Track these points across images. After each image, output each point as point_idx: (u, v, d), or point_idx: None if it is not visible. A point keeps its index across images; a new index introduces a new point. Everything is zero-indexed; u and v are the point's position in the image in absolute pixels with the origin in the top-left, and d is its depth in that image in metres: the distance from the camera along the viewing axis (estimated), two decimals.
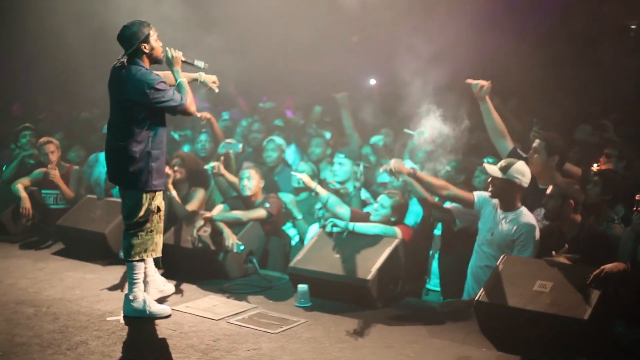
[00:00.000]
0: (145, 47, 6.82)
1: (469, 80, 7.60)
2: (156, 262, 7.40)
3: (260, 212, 8.53)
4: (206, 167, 8.93)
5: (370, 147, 9.74)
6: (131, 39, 6.77)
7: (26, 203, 10.07)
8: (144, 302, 6.96)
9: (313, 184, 8.24)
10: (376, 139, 9.68)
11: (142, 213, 6.93)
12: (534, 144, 7.46)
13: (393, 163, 7.27)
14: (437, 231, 8.03)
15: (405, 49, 8.60)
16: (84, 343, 6.30)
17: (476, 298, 6.43)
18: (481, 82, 7.52)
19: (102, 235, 9.10)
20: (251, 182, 8.63)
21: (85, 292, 7.76)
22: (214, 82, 7.56)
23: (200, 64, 7.32)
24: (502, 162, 7.06)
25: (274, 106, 12.96)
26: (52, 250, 9.57)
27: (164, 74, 7.03)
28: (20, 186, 10.20)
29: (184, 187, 9.17)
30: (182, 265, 8.36)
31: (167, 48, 6.98)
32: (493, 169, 7.00)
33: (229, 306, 7.29)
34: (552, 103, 10.14)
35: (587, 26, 12.59)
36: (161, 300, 7.34)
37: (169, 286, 7.68)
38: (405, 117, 9.64)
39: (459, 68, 8.61)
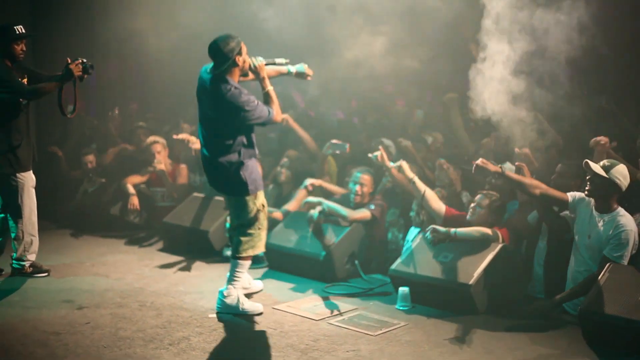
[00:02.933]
0: (239, 60, 6.89)
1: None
2: (258, 258, 7.47)
3: (365, 213, 8.54)
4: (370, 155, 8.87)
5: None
6: (229, 52, 6.81)
7: (134, 200, 10.30)
8: (238, 299, 7.06)
9: (411, 174, 8.16)
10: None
11: (249, 215, 7.07)
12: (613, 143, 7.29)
13: (480, 160, 7.16)
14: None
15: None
16: (186, 339, 6.38)
17: (580, 306, 6.28)
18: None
19: (206, 233, 9.23)
20: (363, 188, 8.71)
21: (189, 288, 7.89)
22: (305, 75, 7.70)
23: (282, 60, 7.45)
24: (605, 162, 6.85)
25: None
26: (158, 246, 9.78)
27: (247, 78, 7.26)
28: (129, 183, 10.43)
29: (289, 187, 9.23)
30: (285, 265, 8.43)
31: (251, 58, 7.06)
32: (597, 167, 6.80)
33: (330, 307, 7.29)
34: None
35: None
36: (248, 298, 7.41)
37: (255, 284, 7.80)
38: None
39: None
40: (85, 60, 7.84)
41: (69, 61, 7.82)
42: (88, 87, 14.29)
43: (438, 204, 8.04)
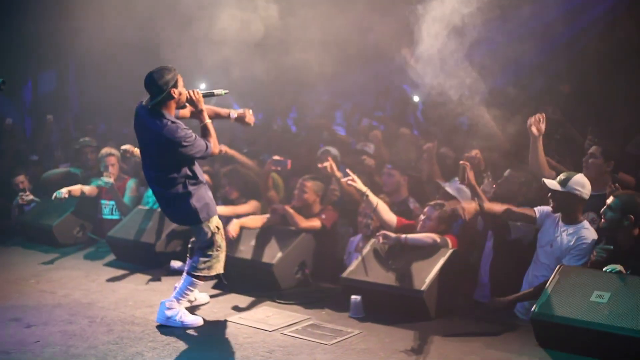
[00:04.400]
0: (174, 93, 6.80)
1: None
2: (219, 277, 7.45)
3: (315, 223, 8.56)
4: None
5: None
6: (163, 85, 6.73)
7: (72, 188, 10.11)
8: (178, 312, 7.03)
9: (364, 188, 8.21)
10: None
11: (206, 238, 7.10)
12: (590, 150, 7.38)
13: (464, 205, 7.25)
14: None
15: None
16: (140, 354, 6.30)
17: (532, 309, 6.35)
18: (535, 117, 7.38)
19: (152, 246, 9.14)
20: (303, 194, 8.68)
21: (139, 302, 7.79)
22: (248, 122, 7.70)
23: (220, 91, 7.37)
24: (561, 176, 6.98)
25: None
26: (104, 261, 9.63)
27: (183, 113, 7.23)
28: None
29: (240, 202, 9.20)
30: (235, 275, 8.38)
31: (188, 91, 6.97)
32: (552, 183, 6.91)
33: (283, 317, 7.27)
34: (606, 112, 10.01)
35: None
36: (192, 311, 7.37)
37: (201, 296, 7.76)
38: None
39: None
40: None
41: None
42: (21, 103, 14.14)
43: (389, 216, 8.09)
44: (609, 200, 6.62)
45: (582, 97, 10.50)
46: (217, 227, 7.16)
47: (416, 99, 13.73)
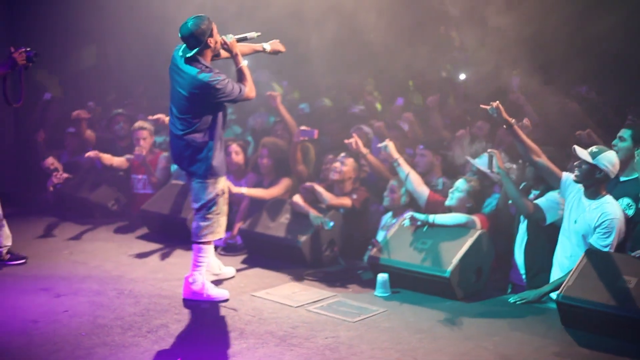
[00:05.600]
0: (211, 42, 6.89)
1: (483, 106, 7.36)
2: (235, 246, 7.46)
3: (346, 200, 8.57)
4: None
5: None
6: (200, 35, 6.81)
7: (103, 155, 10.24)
8: (203, 285, 7.07)
9: (396, 154, 8.17)
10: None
11: (208, 197, 7.09)
12: (620, 133, 7.26)
13: (496, 103, 7.14)
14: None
15: None
16: (164, 326, 6.37)
17: (559, 292, 6.31)
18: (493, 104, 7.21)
19: (184, 220, 9.19)
20: (343, 167, 8.65)
21: (167, 275, 7.86)
22: (278, 51, 7.70)
23: (253, 34, 7.42)
24: (594, 148, 6.85)
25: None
26: (137, 234, 9.70)
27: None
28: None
29: (270, 176, 9.22)
30: (263, 251, 8.44)
31: (221, 36, 7.05)
32: (583, 153, 6.80)
33: (308, 293, 7.30)
34: None
35: None
36: (218, 284, 7.43)
37: (226, 270, 7.82)
38: None
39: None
40: (29, 49, 7.77)
41: (12, 50, 7.75)
42: (65, 74, 14.24)
43: (422, 187, 8.07)
44: None
45: (618, 75, 10.34)
46: (223, 191, 7.18)
47: (462, 76, 13.64)
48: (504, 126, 7.21)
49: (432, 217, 7.53)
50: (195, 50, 6.83)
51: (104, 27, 14.32)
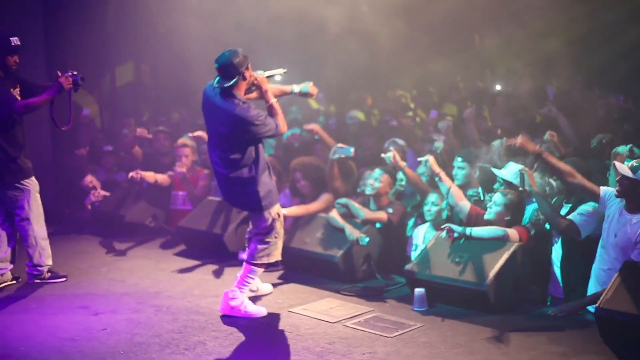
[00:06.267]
0: (247, 74, 6.91)
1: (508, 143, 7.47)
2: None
3: (382, 215, 8.53)
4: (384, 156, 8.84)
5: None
6: (237, 67, 6.82)
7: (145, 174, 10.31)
8: (242, 302, 7.08)
9: (438, 169, 8.14)
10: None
11: (265, 224, 7.12)
12: None
13: (520, 138, 7.14)
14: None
15: None
16: (202, 343, 6.39)
17: (597, 304, 6.23)
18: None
19: (220, 237, 9.23)
20: (377, 183, 8.64)
21: (205, 292, 7.89)
22: (311, 94, 7.68)
23: (280, 71, 7.44)
24: (634, 162, 6.77)
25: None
26: (174, 251, 9.75)
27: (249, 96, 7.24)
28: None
29: (311, 196, 9.20)
30: (300, 267, 8.45)
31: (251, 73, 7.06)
32: (623, 168, 6.72)
33: (346, 309, 7.27)
34: None
35: None
36: (255, 301, 7.43)
37: (264, 287, 7.83)
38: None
39: None
40: (75, 73, 7.91)
41: (59, 74, 7.88)
42: (102, 94, 14.41)
43: (463, 201, 8.01)
44: None
45: None
46: (278, 214, 7.19)
47: (498, 87, 13.63)
48: (536, 157, 7.25)
49: (468, 230, 7.48)
50: (233, 80, 6.83)
51: (140, 45, 14.49)
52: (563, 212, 7.43)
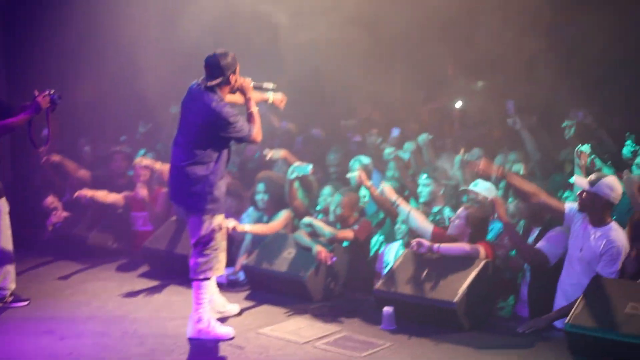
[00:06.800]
0: (232, 78, 6.94)
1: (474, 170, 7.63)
2: (238, 282, 7.42)
3: (348, 233, 8.52)
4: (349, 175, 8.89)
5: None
6: (224, 68, 6.87)
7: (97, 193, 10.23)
8: (209, 323, 7.01)
9: (394, 196, 8.16)
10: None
11: (204, 232, 7.03)
12: (637, 160, 7.30)
13: (481, 164, 7.19)
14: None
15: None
16: None
17: (566, 320, 6.27)
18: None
19: (185, 257, 9.12)
20: (339, 210, 8.66)
21: (172, 314, 7.79)
22: (281, 102, 7.75)
23: (270, 85, 7.50)
24: (592, 176, 6.87)
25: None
26: (138, 272, 9.64)
27: (232, 99, 7.23)
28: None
29: (270, 211, 9.19)
30: (267, 287, 8.40)
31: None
32: (581, 182, 6.81)
33: (314, 329, 7.24)
34: None
35: None
36: (223, 322, 7.36)
37: (230, 307, 7.76)
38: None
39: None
40: (52, 92, 7.81)
41: (37, 94, 7.78)
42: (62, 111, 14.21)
43: (424, 224, 8.01)
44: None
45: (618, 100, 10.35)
46: (220, 226, 7.12)
47: (458, 104, 13.68)
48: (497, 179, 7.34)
49: (436, 246, 7.50)
50: (217, 80, 6.86)
51: (101, 62, 14.34)
52: (533, 236, 7.50)
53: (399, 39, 12.05)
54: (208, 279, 7.12)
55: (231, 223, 8.15)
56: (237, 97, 7.31)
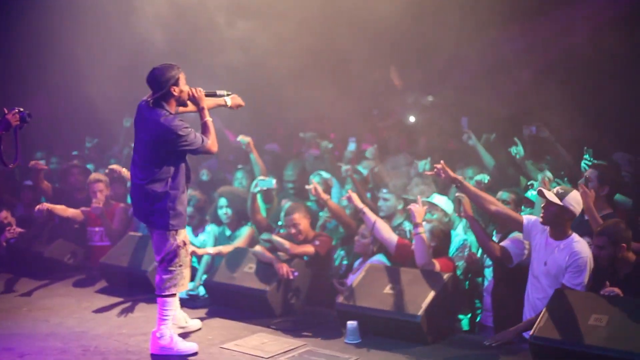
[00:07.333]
0: (175, 90, 6.89)
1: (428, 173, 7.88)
2: (198, 298, 7.38)
3: (308, 248, 8.50)
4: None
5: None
6: (163, 82, 6.83)
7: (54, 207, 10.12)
8: (171, 339, 6.96)
9: (361, 204, 8.20)
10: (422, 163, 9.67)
11: (169, 249, 7.02)
12: (586, 173, 7.41)
13: (441, 163, 7.27)
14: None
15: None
16: None
17: (531, 333, 6.33)
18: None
19: (144, 273, 9.08)
20: (297, 228, 8.63)
21: (132, 330, 7.72)
22: (239, 105, 7.73)
23: (223, 92, 7.50)
24: (559, 189, 6.94)
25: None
26: (96, 288, 9.54)
27: (185, 110, 7.27)
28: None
29: (232, 225, 9.18)
30: (228, 302, 8.37)
31: (189, 88, 7.04)
32: (551, 195, 6.88)
33: (278, 344, 7.21)
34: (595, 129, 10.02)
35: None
36: (185, 337, 7.31)
37: (192, 322, 7.73)
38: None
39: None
40: (22, 110, 7.73)
41: (6, 111, 7.70)
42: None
43: (389, 234, 8.05)
44: (597, 239, 6.58)
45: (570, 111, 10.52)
46: (184, 242, 7.11)
47: (412, 119, 13.78)
48: (455, 185, 7.39)
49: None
50: (157, 94, 6.83)
51: (53, 76, 14.22)
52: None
53: (353, 53, 12.11)
54: (173, 295, 7.08)
55: (191, 248, 8.10)
56: (191, 109, 7.31)
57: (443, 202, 8.39)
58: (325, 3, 10.90)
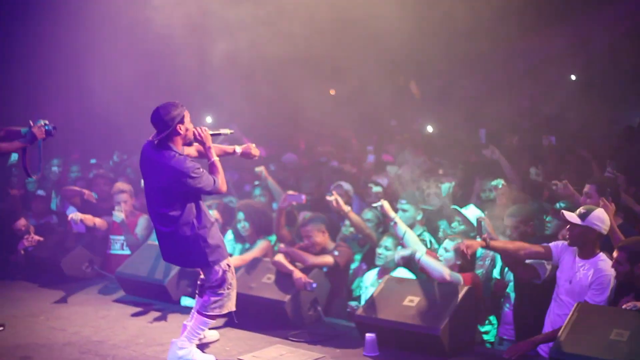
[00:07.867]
0: (181, 129, 6.80)
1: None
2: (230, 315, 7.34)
3: (328, 259, 8.44)
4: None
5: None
6: (168, 120, 6.72)
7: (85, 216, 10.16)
8: (190, 352, 6.91)
9: (393, 214, 8.12)
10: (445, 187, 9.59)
11: (216, 277, 7.00)
12: (585, 189, 7.38)
13: (465, 242, 7.17)
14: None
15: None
16: None
17: (552, 347, 6.25)
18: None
19: (161, 283, 9.04)
20: (315, 238, 8.60)
21: (149, 340, 7.70)
22: (252, 156, 7.73)
23: (226, 131, 7.46)
24: (581, 209, 6.87)
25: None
26: (114, 297, 9.51)
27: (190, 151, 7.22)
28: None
29: (252, 238, 9.13)
30: (246, 313, 8.30)
31: (195, 128, 6.96)
32: (572, 216, 6.81)
33: (296, 355, 7.16)
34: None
35: None
36: (202, 348, 7.29)
37: (210, 333, 7.67)
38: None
39: None
40: (47, 122, 7.79)
41: (32, 124, 7.73)
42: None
43: (419, 244, 8.00)
44: (615, 254, 6.50)
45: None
46: (228, 265, 7.07)
47: (430, 129, 13.79)
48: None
49: (418, 255, 7.49)
50: (162, 134, 6.73)
51: (70, 85, 14.29)
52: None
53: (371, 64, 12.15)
54: (216, 317, 7.08)
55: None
56: (193, 149, 7.28)
57: (474, 215, 8.28)
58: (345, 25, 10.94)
